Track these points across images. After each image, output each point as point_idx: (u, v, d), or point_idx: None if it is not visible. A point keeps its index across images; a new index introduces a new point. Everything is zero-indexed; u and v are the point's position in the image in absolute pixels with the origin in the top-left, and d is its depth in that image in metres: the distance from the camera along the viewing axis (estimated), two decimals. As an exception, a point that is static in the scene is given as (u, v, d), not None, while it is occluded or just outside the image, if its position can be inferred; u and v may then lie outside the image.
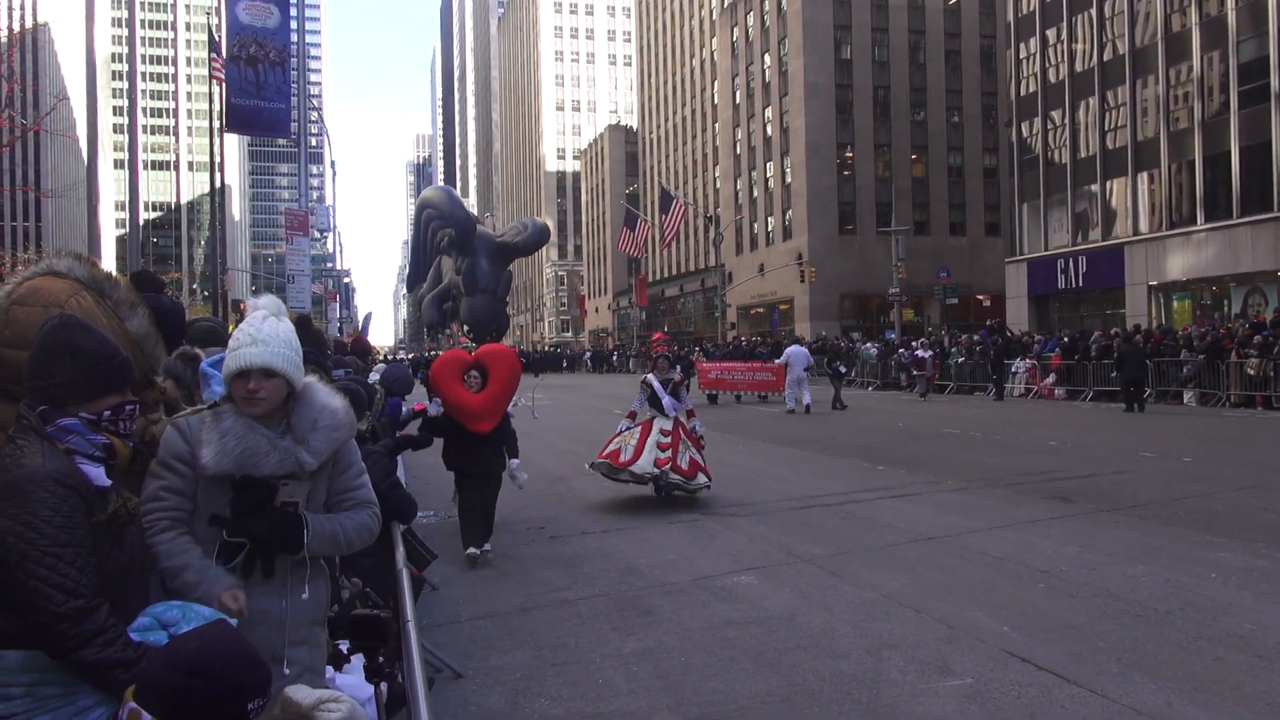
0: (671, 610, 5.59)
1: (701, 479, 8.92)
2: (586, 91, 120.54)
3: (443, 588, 6.25)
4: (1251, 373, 19.35)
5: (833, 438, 15.41)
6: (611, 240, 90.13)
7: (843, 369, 23.85)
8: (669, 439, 8.87)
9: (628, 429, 9.12)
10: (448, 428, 6.93)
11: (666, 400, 9.10)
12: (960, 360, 27.87)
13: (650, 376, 9.36)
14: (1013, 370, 25.80)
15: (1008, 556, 6.61)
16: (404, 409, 7.70)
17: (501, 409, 6.94)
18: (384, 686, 2.73)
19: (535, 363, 51.01)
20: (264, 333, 2.33)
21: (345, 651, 2.72)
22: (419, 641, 2.68)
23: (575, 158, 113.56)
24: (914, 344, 30.70)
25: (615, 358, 62.00)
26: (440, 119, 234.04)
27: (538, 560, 7.07)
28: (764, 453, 13.67)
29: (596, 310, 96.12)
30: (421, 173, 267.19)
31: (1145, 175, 33.42)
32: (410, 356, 64.89)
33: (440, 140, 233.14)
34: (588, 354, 67.37)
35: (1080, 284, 36.12)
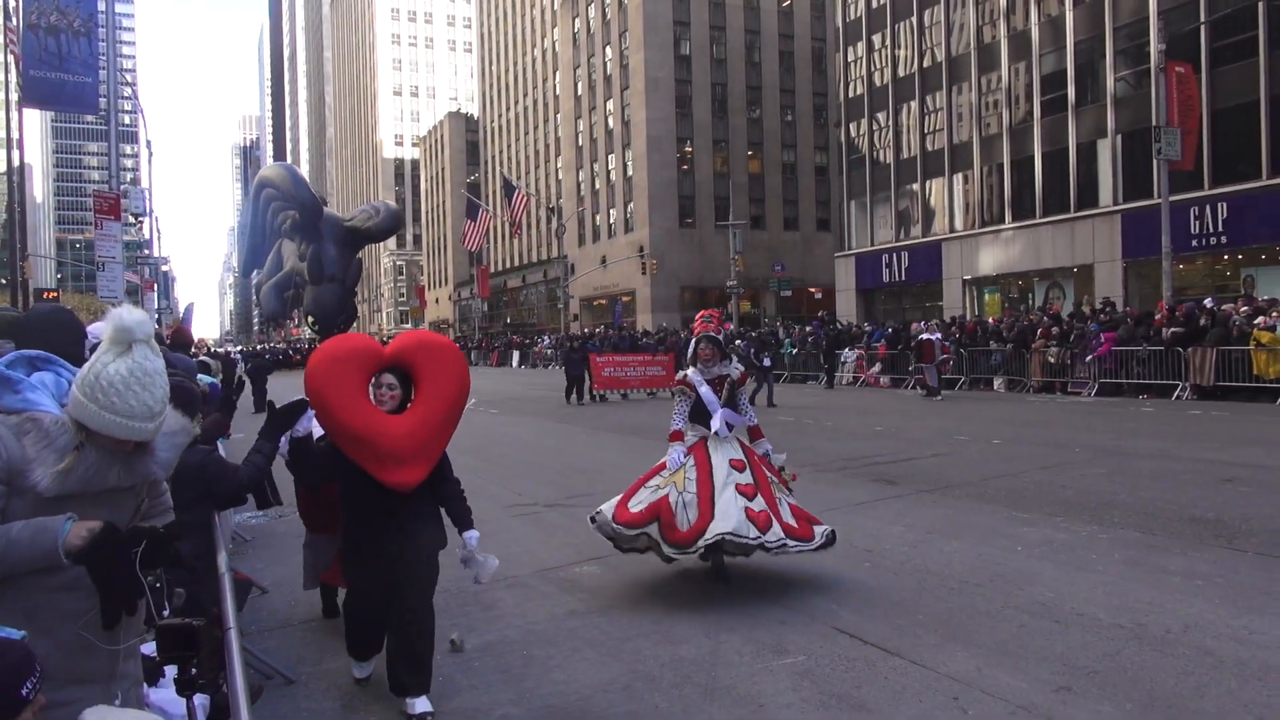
0: (513, 603, 5.56)
1: (821, 532, 5.55)
2: (425, 77, 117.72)
3: (274, 590, 5.99)
4: (1052, 361, 21.04)
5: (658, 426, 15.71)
6: (453, 229, 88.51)
7: (768, 362, 20.85)
8: (748, 477, 5.52)
9: (679, 463, 5.63)
10: (334, 469, 3.94)
11: (720, 414, 5.70)
12: (794, 351, 28.97)
13: (691, 372, 5.86)
14: (842, 360, 27.04)
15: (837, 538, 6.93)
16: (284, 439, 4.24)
17: (441, 444, 3.98)
18: (202, 699, 2.58)
19: None
20: (157, 404, 2.12)
21: (159, 664, 2.56)
22: (241, 649, 2.56)
23: (414, 145, 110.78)
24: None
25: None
26: (269, 101, 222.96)
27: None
28: (614, 444, 13.78)
29: (437, 301, 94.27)
30: (249, 156, 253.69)
31: (960, 176, 35.69)
32: (239, 350, 61.37)
33: (269, 123, 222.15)
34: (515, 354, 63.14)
35: (903, 278, 38.24)
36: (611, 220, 58.82)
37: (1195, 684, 3.92)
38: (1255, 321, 17.63)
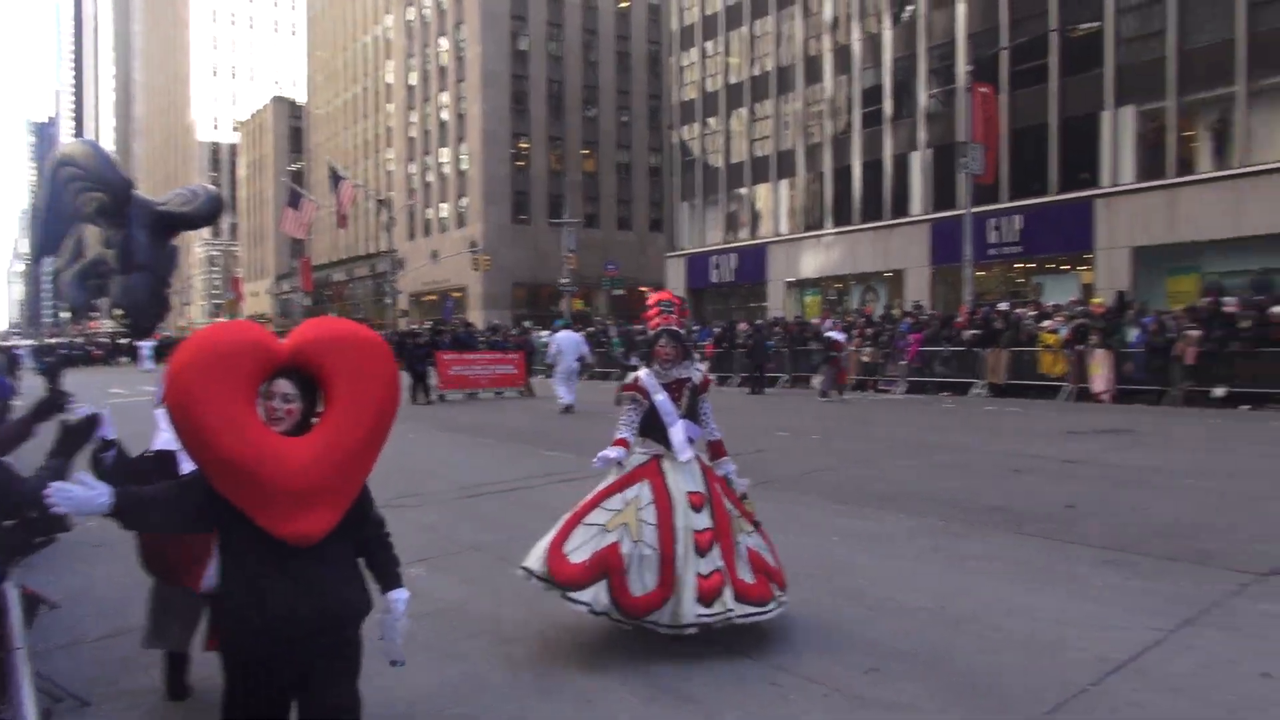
0: (338, 608, 5.38)
1: (778, 594, 4.61)
2: (246, 57, 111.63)
3: (66, 604, 5.55)
4: (866, 360, 22.26)
5: (501, 425, 15.62)
6: (273, 219, 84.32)
7: (636, 361, 18.47)
8: (705, 519, 4.50)
9: (618, 489, 4.63)
10: (200, 515, 2.74)
11: (680, 427, 4.68)
12: (624, 349, 29.30)
13: (645, 375, 4.81)
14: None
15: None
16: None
17: (359, 477, 2.84)
18: None
19: None
20: None
21: None
22: (30, 671, 2.37)
23: (233, 129, 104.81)
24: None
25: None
26: (70, 74, 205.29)
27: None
28: (440, 442, 13.53)
29: (255, 294, 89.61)
30: (45, 133, 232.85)
31: (786, 182, 37.16)
32: (27, 345, 56.09)
33: (71, 97, 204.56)
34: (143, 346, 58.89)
35: (731, 279, 39.46)
36: (443, 214, 57.70)
37: (989, 660, 4.26)
38: (1042, 325, 19.27)
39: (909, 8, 32.25)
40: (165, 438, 3.69)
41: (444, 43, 57.28)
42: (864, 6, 33.90)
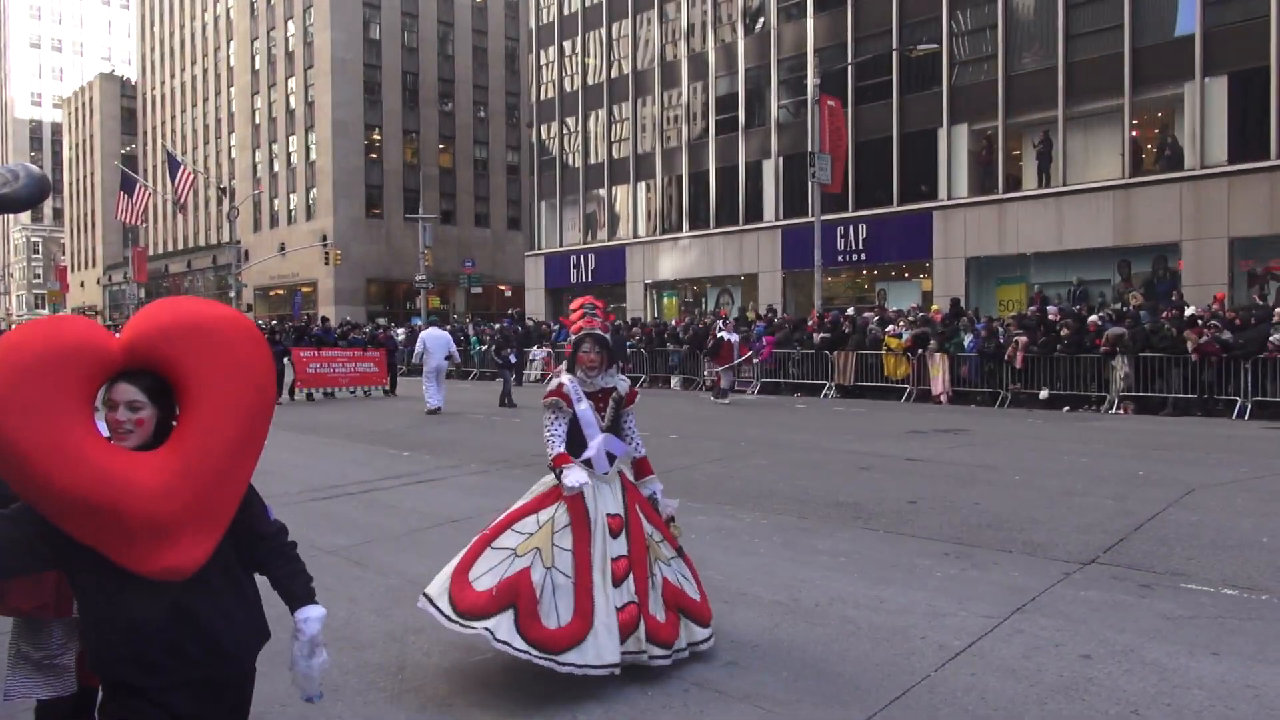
0: (176, 619, 5.07)
1: (698, 632, 4.25)
2: (72, 30, 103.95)
3: None
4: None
5: (359, 424, 15.15)
6: (102, 205, 79.03)
7: (514, 358, 19.71)
8: (622, 545, 4.11)
9: (532, 510, 4.19)
10: (34, 555, 2.22)
11: (599, 442, 4.29)
12: (483, 348, 28.97)
13: (568, 381, 4.41)
14: (531, 358, 27.48)
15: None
16: None
17: (233, 492, 2.35)
18: None
19: None
20: None
21: None
22: None
23: (56, 105, 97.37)
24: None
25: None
26: None
27: None
28: (286, 442, 12.98)
29: (82, 285, 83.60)
30: None
31: (644, 185, 37.57)
32: None
33: None
34: None
35: (590, 279, 39.56)
36: (292, 206, 55.43)
37: (839, 650, 4.43)
38: (886, 329, 20.22)
39: (761, 19, 33.20)
40: None
41: (291, 26, 55.01)
42: (718, 16, 34.68)
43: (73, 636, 3.01)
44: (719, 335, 20.02)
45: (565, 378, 4.44)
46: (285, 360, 20.38)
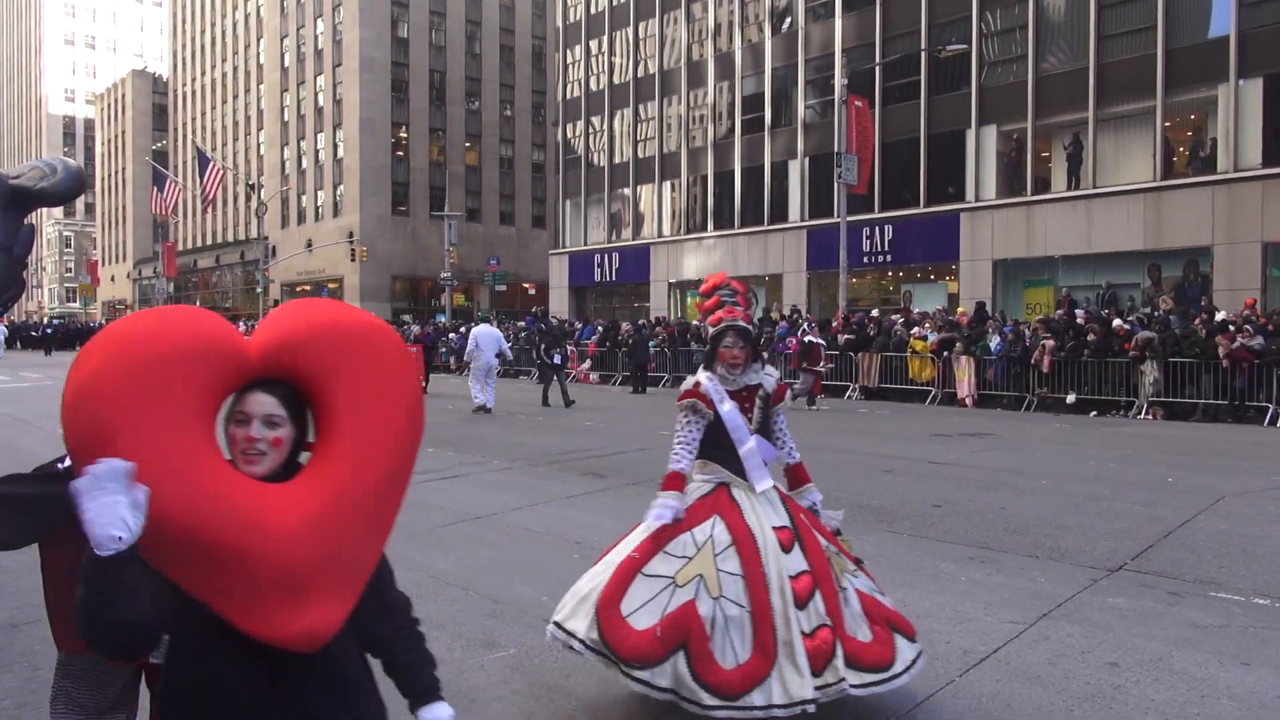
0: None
1: (905, 648, 3.53)
2: (105, 27, 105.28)
3: (-104, 610, 5.10)
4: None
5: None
6: (134, 200, 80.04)
7: (558, 358, 18.48)
8: (799, 561, 3.49)
9: (683, 529, 3.55)
10: (143, 601, 1.62)
11: (754, 447, 3.76)
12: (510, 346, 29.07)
13: (706, 381, 3.82)
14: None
15: (549, 530, 7.06)
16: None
17: (378, 543, 1.94)
18: None
19: (47, 339, 43.63)
20: None
21: None
22: None
23: (89, 102, 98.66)
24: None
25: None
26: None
27: (31, 568, 6.01)
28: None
29: (113, 279, 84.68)
30: None
31: (669, 184, 37.54)
32: None
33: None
34: None
35: (614, 278, 39.59)
36: (319, 203, 55.85)
37: (862, 653, 4.40)
38: (911, 331, 20.09)
39: (789, 19, 33.08)
40: None
41: (320, 25, 55.41)
42: (745, 16, 34.58)
43: (134, 688, 2.56)
44: (806, 339, 18.28)
45: (703, 376, 3.83)
46: None
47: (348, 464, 1.80)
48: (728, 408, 3.73)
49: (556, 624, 3.61)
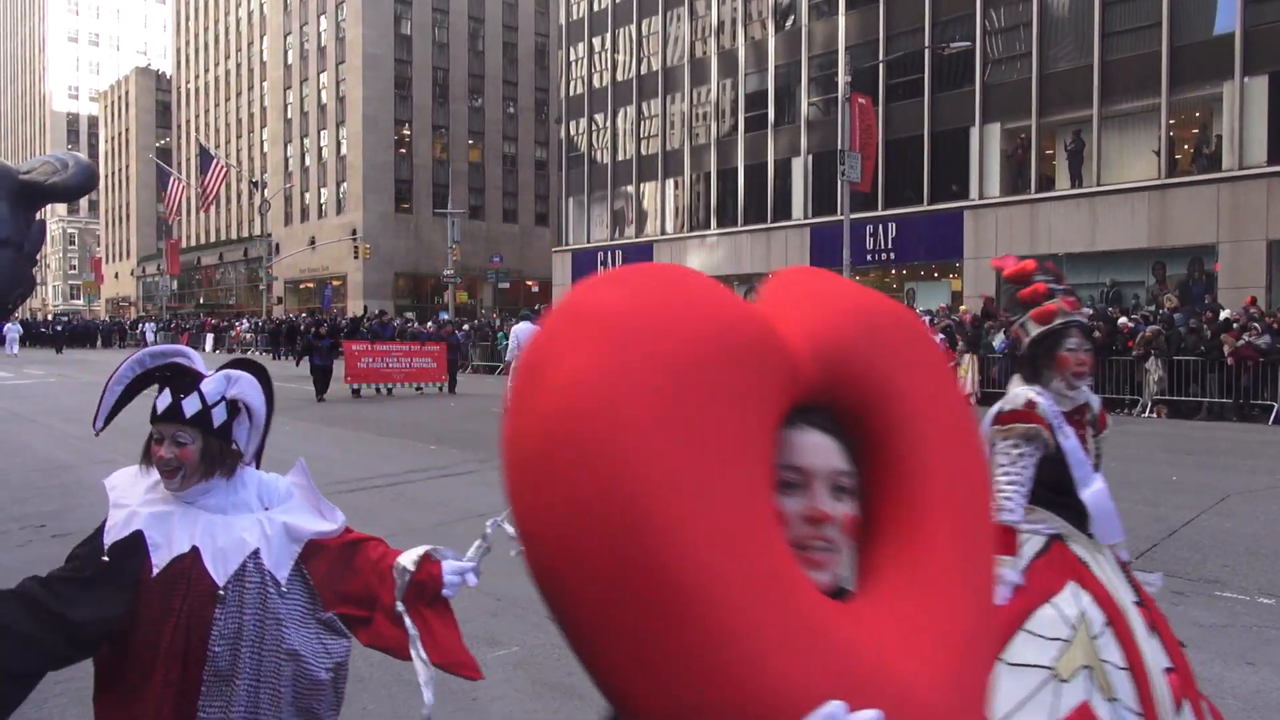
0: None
1: None
2: (109, 24, 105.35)
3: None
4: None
5: (383, 418, 15.24)
6: (137, 197, 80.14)
7: None
8: (1160, 650, 2.58)
9: (1039, 597, 2.57)
10: None
11: (1100, 489, 2.79)
12: (509, 342, 29.03)
13: (1039, 397, 2.81)
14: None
15: None
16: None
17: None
18: None
19: (57, 336, 43.66)
20: None
21: None
22: None
23: (92, 99, 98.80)
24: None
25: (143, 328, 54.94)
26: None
27: (35, 564, 6.01)
28: (313, 434, 13.09)
29: (116, 276, 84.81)
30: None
31: (671, 182, 37.52)
32: None
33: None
34: (146, 326, 53.81)
35: (617, 276, 39.57)
36: (322, 200, 55.88)
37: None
38: (915, 329, 20.01)
39: (792, 17, 33.04)
40: (131, 514, 2.00)
41: (323, 22, 55.41)
42: (749, 12, 34.54)
43: None
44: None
45: (1032, 392, 2.84)
46: (335, 355, 19.14)
47: (957, 556, 1.04)
48: (1071, 442, 2.80)
49: None
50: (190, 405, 1.95)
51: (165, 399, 1.97)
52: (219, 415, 1.99)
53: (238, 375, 2.06)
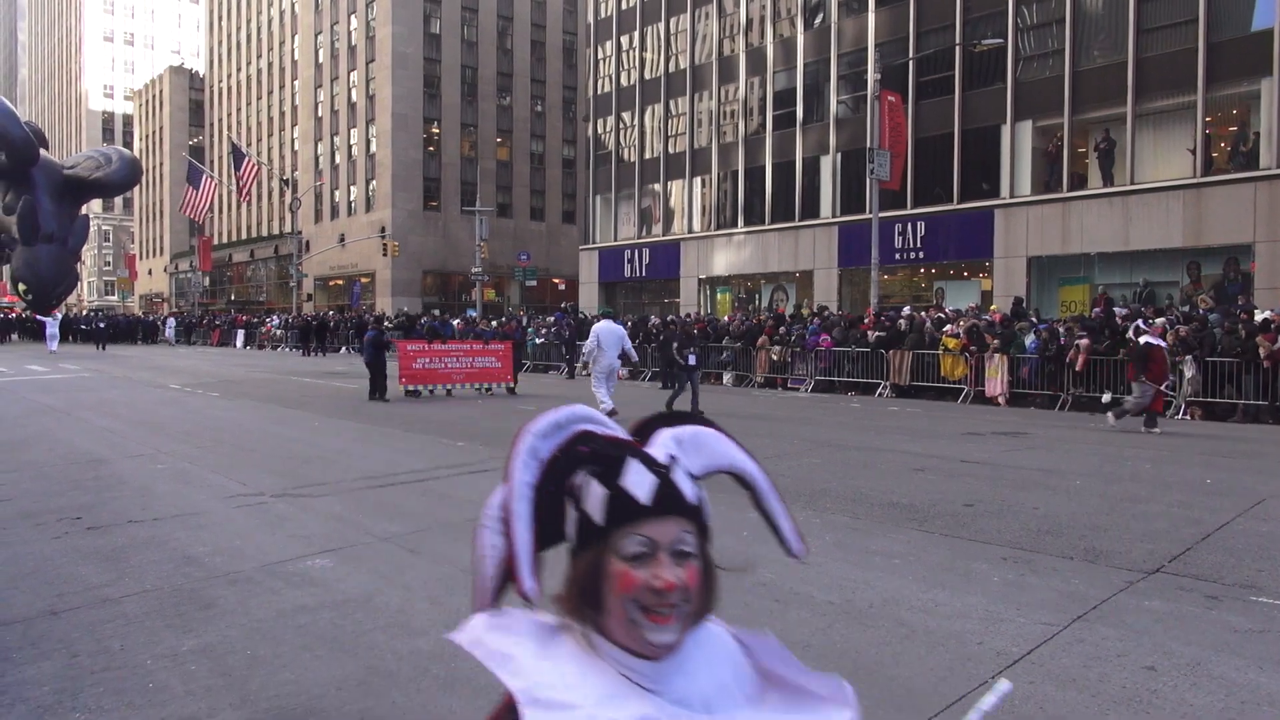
0: (236, 601, 5.18)
1: None
2: (144, 24, 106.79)
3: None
4: (775, 358, 22.63)
5: (409, 415, 15.34)
6: (170, 195, 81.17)
7: (693, 360, 16.03)
8: None
9: None
10: None
11: None
12: (538, 340, 29.16)
13: None
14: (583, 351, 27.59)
15: (577, 526, 7.06)
16: None
17: None
18: None
19: (99, 333, 44.29)
20: None
21: None
22: None
23: (127, 98, 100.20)
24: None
25: (171, 325, 55.71)
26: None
27: (71, 555, 6.15)
28: (340, 430, 13.20)
29: (150, 273, 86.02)
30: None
31: (699, 180, 37.44)
32: None
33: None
34: (167, 323, 55.63)
35: (644, 274, 39.57)
36: (351, 198, 56.34)
37: (893, 653, 4.36)
38: (944, 329, 19.88)
39: (821, 14, 32.85)
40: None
41: (354, 21, 55.85)
42: (777, 10, 34.38)
43: None
44: (1143, 340, 13.57)
45: None
46: (385, 354, 18.58)
47: None
48: None
49: None
50: (686, 484, 1.19)
51: (642, 475, 1.14)
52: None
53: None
